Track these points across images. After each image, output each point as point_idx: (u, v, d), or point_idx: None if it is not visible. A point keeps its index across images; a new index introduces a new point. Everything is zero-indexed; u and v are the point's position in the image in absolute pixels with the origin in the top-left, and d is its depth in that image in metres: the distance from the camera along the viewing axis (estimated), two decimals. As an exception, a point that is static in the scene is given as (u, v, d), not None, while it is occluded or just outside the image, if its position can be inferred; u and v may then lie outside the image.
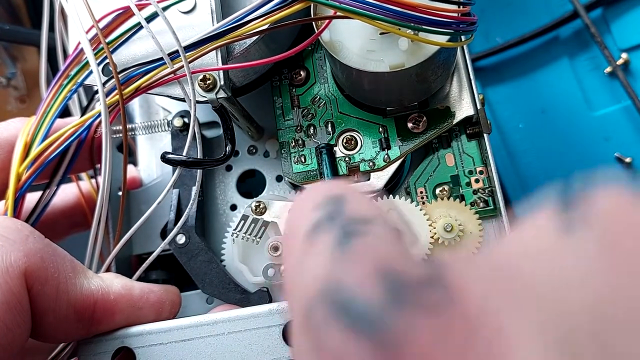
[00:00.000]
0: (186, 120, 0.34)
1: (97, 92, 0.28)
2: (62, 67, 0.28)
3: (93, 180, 0.35)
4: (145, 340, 0.25)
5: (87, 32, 0.26)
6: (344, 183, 0.20)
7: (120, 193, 0.35)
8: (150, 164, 0.37)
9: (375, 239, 0.15)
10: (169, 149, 0.35)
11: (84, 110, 0.29)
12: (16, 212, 0.28)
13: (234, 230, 0.30)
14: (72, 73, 0.27)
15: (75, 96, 0.34)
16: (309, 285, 0.14)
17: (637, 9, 0.41)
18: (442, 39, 0.25)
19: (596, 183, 0.13)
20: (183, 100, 0.27)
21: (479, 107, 0.29)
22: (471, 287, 0.12)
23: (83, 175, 0.36)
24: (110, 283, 0.26)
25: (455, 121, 0.30)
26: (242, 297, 0.30)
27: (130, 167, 0.37)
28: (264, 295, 0.30)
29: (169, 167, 0.36)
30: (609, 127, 0.40)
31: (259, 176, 0.36)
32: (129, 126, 0.34)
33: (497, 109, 0.43)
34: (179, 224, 0.30)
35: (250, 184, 0.36)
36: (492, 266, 0.13)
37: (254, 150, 0.35)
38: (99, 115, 0.27)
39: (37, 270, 0.23)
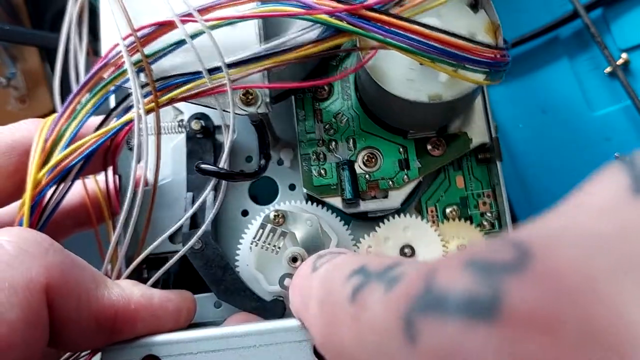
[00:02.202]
0: (203, 123, 0.33)
1: (122, 100, 0.27)
2: (75, 70, 0.28)
3: (99, 179, 0.35)
4: (174, 349, 0.26)
5: (124, 39, 0.26)
6: (354, 256, 0.21)
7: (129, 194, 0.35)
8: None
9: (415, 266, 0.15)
10: (180, 149, 0.35)
11: (106, 116, 0.28)
12: (32, 219, 0.27)
13: (253, 239, 0.31)
14: (109, 78, 0.26)
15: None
16: (389, 311, 0.14)
17: (637, 9, 0.41)
18: (479, 77, 0.26)
19: None
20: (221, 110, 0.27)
21: (493, 135, 0.31)
22: (553, 248, 0.12)
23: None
24: (130, 292, 0.26)
25: (471, 147, 0.31)
26: (257, 305, 0.31)
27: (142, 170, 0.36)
28: (280, 305, 0.31)
29: (179, 169, 0.35)
30: (609, 127, 0.40)
31: (264, 182, 0.36)
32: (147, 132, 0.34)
33: (497, 109, 0.43)
34: (200, 232, 0.30)
35: (255, 190, 0.36)
36: (574, 232, 0.12)
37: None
38: (125, 123, 0.27)
39: (58, 284, 0.23)
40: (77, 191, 0.34)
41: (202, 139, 0.34)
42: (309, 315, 0.20)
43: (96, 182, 0.35)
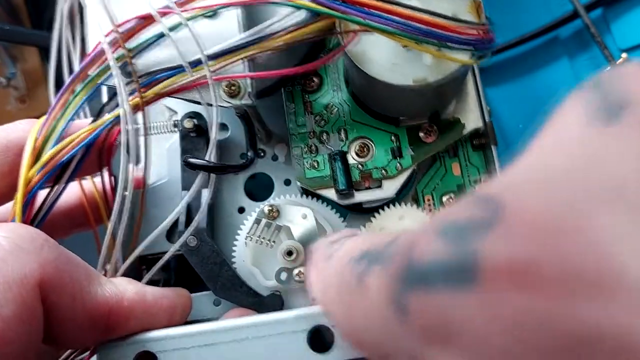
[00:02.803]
0: (196, 121, 0.33)
1: (113, 96, 0.28)
2: (69, 69, 0.28)
3: (97, 180, 0.35)
4: (168, 344, 0.26)
5: (107, 35, 0.26)
6: (362, 239, 0.21)
7: (126, 193, 0.35)
8: (154, 165, 0.37)
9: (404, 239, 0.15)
10: (176, 150, 0.35)
11: (97, 113, 0.29)
12: (25, 217, 0.27)
13: (248, 233, 0.31)
14: (92, 75, 0.26)
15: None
16: (383, 291, 0.14)
17: (637, 9, 0.41)
18: (464, 57, 0.26)
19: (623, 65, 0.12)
20: (205, 104, 0.27)
21: (487, 120, 0.30)
22: (521, 194, 0.11)
23: (85, 173, 0.36)
24: (124, 289, 0.26)
25: (465, 133, 0.31)
26: (255, 300, 0.31)
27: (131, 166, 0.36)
28: (277, 299, 0.31)
29: (175, 168, 0.36)
30: None
31: (262, 180, 0.36)
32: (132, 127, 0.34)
33: (497, 109, 0.43)
34: (191, 227, 0.30)
35: (251, 186, 0.36)
36: (532, 171, 0.12)
37: (263, 154, 0.35)
38: (114, 119, 0.27)
39: (52, 280, 0.23)
40: (74, 192, 0.35)
41: (196, 138, 0.34)
42: (331, 306, 0.20)
43: (93, 184, 0.35)
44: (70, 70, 0.32)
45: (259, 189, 0.36)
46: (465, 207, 0.12)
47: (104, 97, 0.33)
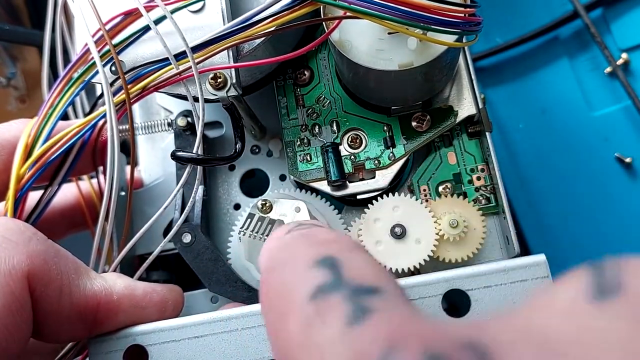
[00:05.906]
0: (189, 119, 0.34)
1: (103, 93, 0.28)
2: (65, 67, 0.28)
3: (94, 181, 0.35)
4: (158, 337, 0.25)
5: (94, 35, 0.26)
6: (335, 234, 0.19)
7: (122, 193, 0.35)
8: (151, 164, 0.37)
9: (391, 315, 0.14)
10: (171, 149, 0.35)
11: (89, 111, 0.29)
12: (17, 213, 0.28)
13: (241, 228, 0.30)
14: (79, 72, 0.27)
15: (77, 100, 0.33)
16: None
17: (637, 9, 0.41)
18: (450, 39, 0.26)
19: (626, 257, 0.13)
20: (193, 99, 0.27)
21: (480, 106, 0.30)
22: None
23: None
24: (113, 283, 0.26)
25: (458, 120, 0.30)
26: (249, 295, 0.31)
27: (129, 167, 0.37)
28: (272, 293, 0.30)
29: (171, 168, 0.36)
30: (609, 127, 0.41)
31: (258, 177, 0.36)
32: (128, 126, 0.34)
33: (497, 109, 0.44)
34: (180, 221, 0.30)
35: (250, 185, 0.36)
36: (531, 335, 0.12)
37: (257, 150, 0.35)
38: (103, 115, 0.27)
39: (40, 272, 0.23)
40: (72, 192, 0.35)
41: (190, 135, 0.34)
42: (270, 280, 0.18)
43: (90, 184, 0.35)
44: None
45: (255, 185, 0.35)
46: (456, 345, 0.12)
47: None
